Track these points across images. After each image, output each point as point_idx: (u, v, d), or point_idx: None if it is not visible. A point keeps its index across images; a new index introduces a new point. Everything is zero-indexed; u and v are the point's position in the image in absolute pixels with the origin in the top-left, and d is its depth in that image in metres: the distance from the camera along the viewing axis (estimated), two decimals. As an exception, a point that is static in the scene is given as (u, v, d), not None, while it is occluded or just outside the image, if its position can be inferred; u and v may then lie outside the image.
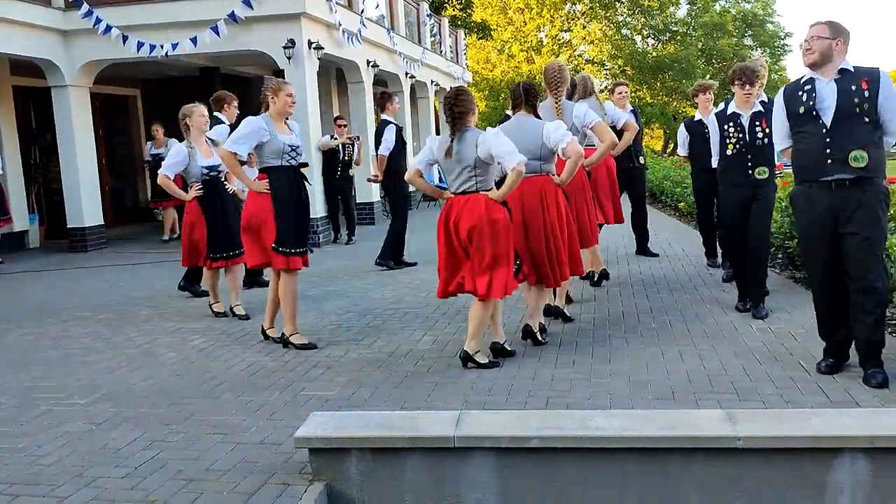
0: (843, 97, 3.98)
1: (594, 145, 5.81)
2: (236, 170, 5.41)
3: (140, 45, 10.68)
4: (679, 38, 36.82)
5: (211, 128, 7.13)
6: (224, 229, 6.33)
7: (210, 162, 6.42)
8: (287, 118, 5.51)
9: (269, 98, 5.43)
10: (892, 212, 6.00)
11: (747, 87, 5.34)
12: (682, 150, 7.77)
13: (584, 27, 37.82)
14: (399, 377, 4.58)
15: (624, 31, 37.56)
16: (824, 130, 4.00)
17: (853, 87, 3.97)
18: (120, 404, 4.33)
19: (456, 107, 4.57)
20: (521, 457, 3.11)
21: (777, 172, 5.82)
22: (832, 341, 4.27)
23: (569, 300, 6.11)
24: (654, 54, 36.53)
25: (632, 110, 8.94)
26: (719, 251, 7.45)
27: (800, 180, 4.21)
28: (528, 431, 3.11)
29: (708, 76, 32.77)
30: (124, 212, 15.42)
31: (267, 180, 5.35)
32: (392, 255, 8.60)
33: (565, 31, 38.17)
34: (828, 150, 3.98)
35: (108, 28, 10.62)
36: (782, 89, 4.35)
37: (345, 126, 11.27)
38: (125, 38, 10.65)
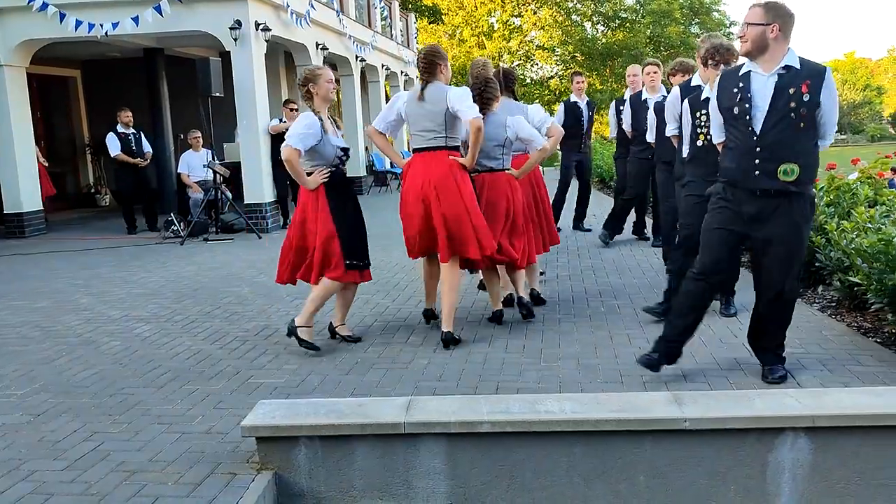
0: (778, 99, 3.57)
1: (522, 151, 5.37)
2: (299, 170, 4.58)
3: (78, 23, 10.32)
4: (628, 25, 37.26)
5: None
6: (356, 230, 4.87)
7: (342, 142, 4.88)
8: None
9: (311, 88, 4.68)
10: (831, 197, 6.16)
11: (722, 67, 4.56)
12: (627, 127, 7.89)
13: (535, 13, 37.95)
14: (349, 364, 4.54)
15: (574, 17, 37.82)
16: (754, 138, 3.63)
17: (792, 90, 3.56)
18: (59, 395, 4.20)
19: (427, 57, 4.73)
20: (471, 442, 3.11)
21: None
22: (676, 335, 4.00)
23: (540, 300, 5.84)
24: (604, 41, 36.92)
25: (587, 102, 9.05)
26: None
27: (723, 179, 3.84)
28: (479, 416, 3.11)
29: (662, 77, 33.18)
30: (64, 196, 14.97)
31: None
32: None
33: (516, 16, 38.25)
34: (757, 161, 3.62)
35: (45, 5, 10.24)
36: (719, 76, 3.96)
37: (296, 110, 11.10)
38: (62, 16, 10.28)
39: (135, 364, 4.71)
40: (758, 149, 3.62)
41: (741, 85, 3.68)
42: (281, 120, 10.87)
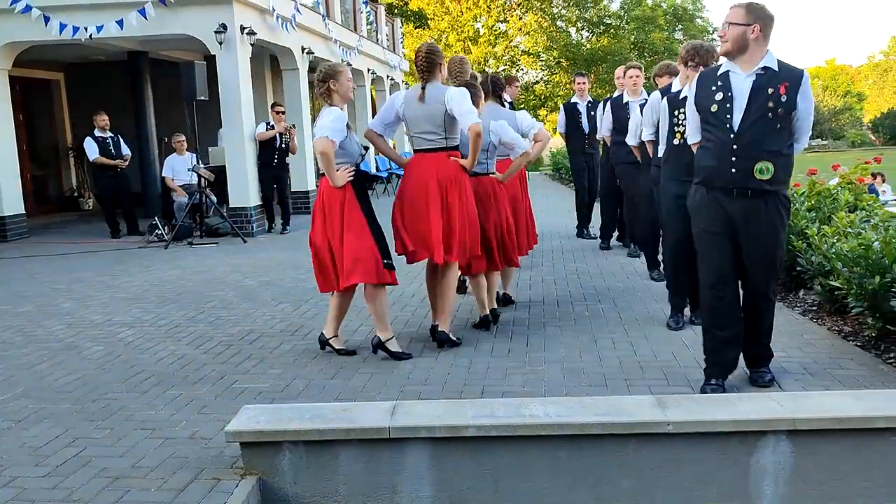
0: (756, 99, 3.60)
1: (505, 156, 5.36)
2: (333, 164, 4.46)
3: (63, 26, 10.26)
4: (612, 30, 37.49)
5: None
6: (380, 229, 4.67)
7: (364, 141, 4.93)
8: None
9: (331, 85, 4.57)
10: (812, 202, 6.23)
11: (702, 69, 4.54)
12: (606, 132, 7.88)
13: (520, 18, 38.09)
14: (334, 368, 4.53)
15: (559, 22, 38.01)
16: (731, 136, 3.64)
17: (770, 90, 3.59)
18: (41, 400, 4.16)
19: (428, 57, 4.70)
20: (456, 446, 3.11)
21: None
22: (720, 360, 3.90)
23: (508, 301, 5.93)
24: (588, 46, 37.11)
25: (589, 102, 9.00)
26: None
27: (699, 181, 3.84)
28: (464, 420, 3.11)
29: (644, 81, 33.41)
30: (47, 200, 14.85)
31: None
32: None
33: (502, 21, 38.37)
34: (734, 159, 3.64)
35: (28, 7, 10.17)
36: (697, 76, 3.96)
37: (283, 113, 11.08)
38: (47, 19, 10.22)
39: (117, 369, 4.68)
40: (735, 146, 3.64)
41: (720, 83, 3.70)
42: (268, 125, 10.83)
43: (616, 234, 8.58)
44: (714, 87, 3.72)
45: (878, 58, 74.80)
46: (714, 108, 3.70)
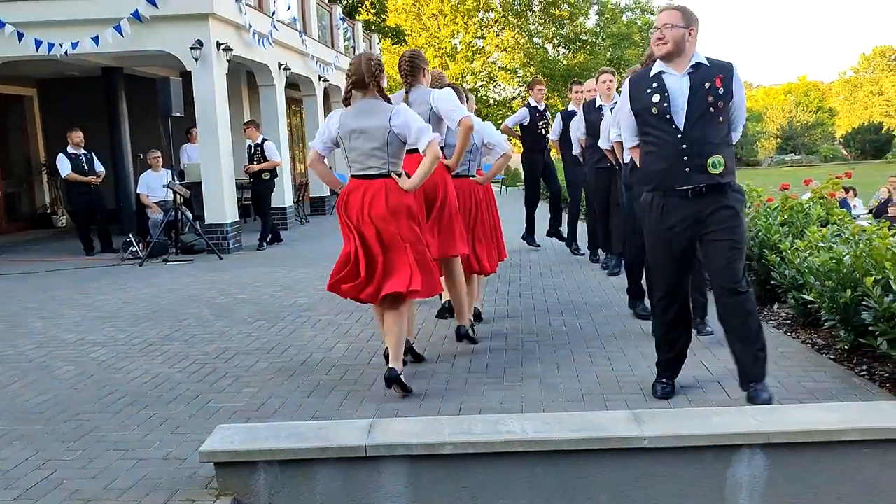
0: (695, 95, 3.65)
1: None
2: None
3: (38, 43, 10.19)
4: (588, 47, 37.87)
5: None
6: None
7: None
8: None
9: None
10: (785, 216, 6.31)
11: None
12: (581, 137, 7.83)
13: (498, 34, 38.38)
14: (310, 386, 4.50)
15: (536, 39, 38.34)
16: (679, 135, 3.67)
17: (707, 85, 3.65)
18: (11, 422, 4.08)
19: (411, 61, 4.71)
20: (433, 463, 3.09)
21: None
22: (670, 358, 4.02)
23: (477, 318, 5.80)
24: (565, 63, 37.44)
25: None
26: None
27: (652, 187, 3.83)
28: (441, 438, 3.10)
29: (617, 85, 33.76)
30: (20, 217, 14.67)
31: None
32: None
33: (479, 38, 38.64)
34: (685, 158, 3.66)
35: (2, 24, 10.09)
36: (627, 80, 3.98)
37: (256, 126, 11.09)
38: (21, 35, 10.13)
39: (90, 389, 4.61)
40: (684, 146, 3.66)
41: (654, 85, 3.73)
42: (253, 155, 10.76)
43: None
44: (649, 90, 3.74)
45: (849, 74, 76.30)
46: (654, 109, 3.71)
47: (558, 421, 3.25)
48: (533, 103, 9.40)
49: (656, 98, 3.71)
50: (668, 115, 3.68)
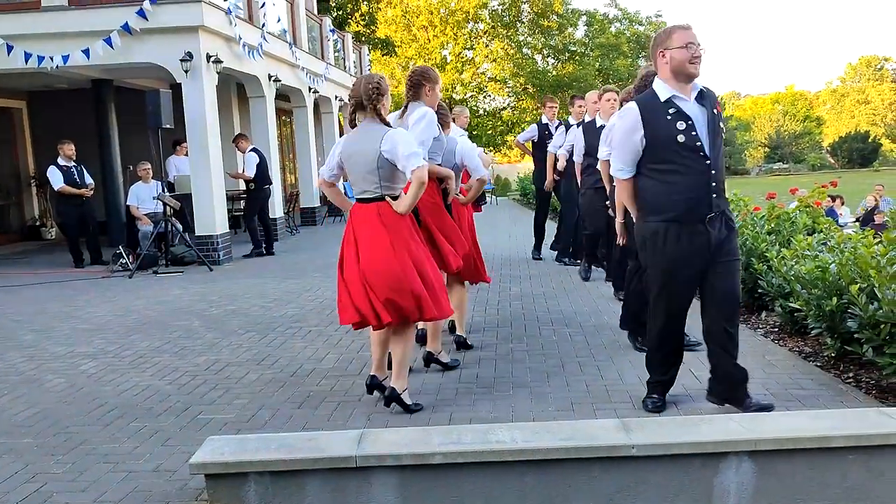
0: (712, 122, 3.58)
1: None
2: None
3: (27, 56, 10.18)
4: (577, 58, 38.06)
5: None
6: None
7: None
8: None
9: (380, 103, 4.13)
10: (772, 225, 6.37)
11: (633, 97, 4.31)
12: (579, 157, 7.39)
13: (487, 45, 38.54)
14: (301, 397, 4.50)
15: (525, 50, 38.50)
16: (707, 163, 3.56)
17: (714, 111, 3.61)
18: (0, 435, 4.07)
19: (412, 78, 4.65)
20: (423, 473, 3.10)
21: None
22: (664, 380, 4.01)
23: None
24: (554, 73, 37.62)
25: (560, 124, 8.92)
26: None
27: (670, 217, 3.62)
28: (431, 448, 3.11)
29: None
30: (9, 230, 14.60)
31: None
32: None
33: (468, 48, 38.79)
34: (713, 184, 3.57)
35: (-10, 37, 10.07)
36: (633, 107, 3.68)
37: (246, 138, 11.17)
38: (10, 49, 10.12)
39: (79, 402, 4.60)
40: (712, 172, 3.57)
41: (673, 111, 3.56)
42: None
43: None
44: (669, 117, 3.56)
45: (836, 84, 77.04)
46: (681, 138, 3.52)
47: (547, 430, 3.26)
48: (545, 120, 9.35)
49: (681, 125, 3.53)
50: (697, 143, 3.53)
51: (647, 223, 3.74)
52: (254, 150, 11.55)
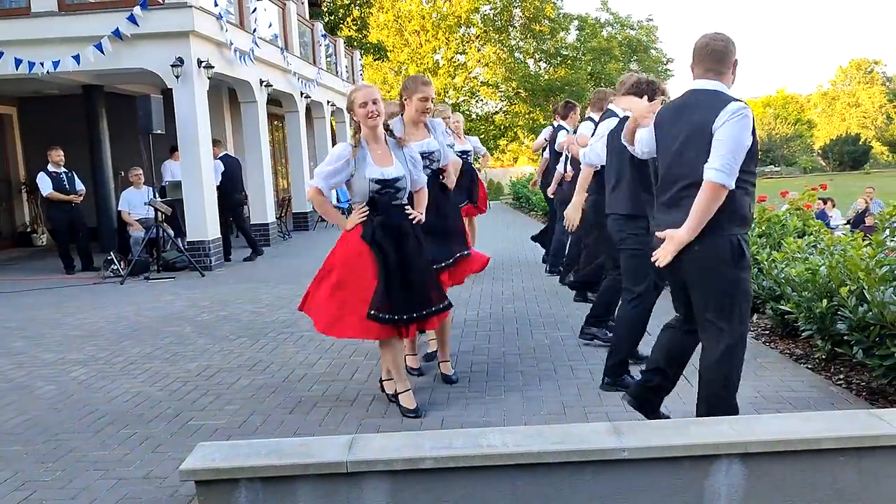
0: None
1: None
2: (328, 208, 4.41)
3: (18, 61, 10.15)
4: (569, 62, 38.18)
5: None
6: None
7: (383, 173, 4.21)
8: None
9: (353, 116, 4.15)
10: (762, 228, 6.39)
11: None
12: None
13: (479, 50, 38.62)
14: (292, 402, 4.49)
15: (517, 54, 38.59)
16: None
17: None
18: (-11, 443, 4.05)
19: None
20: (414, 479, 3.09)
21: None
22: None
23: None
24: (546, 77, 37.71)
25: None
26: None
27: (744, 230, 3.39)
28: (422, 453, 3.10)
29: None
30: (-1, 236, 14.54)
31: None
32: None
33: (461, 53, 38.86)
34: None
35: (-20, 43, 10.04)
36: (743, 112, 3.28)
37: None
38: (0, 54, 10.08)
39: (70, 409, 4.58)
40: None
41: None
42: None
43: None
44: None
45: (826, 87, 77.45)
46: (753, 150, 3.29)
47: (539, 434, 3.26)
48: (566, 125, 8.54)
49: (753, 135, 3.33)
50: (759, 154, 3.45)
51: (738, 237, 3.36)
52: (224, 156, 11.55)
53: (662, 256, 3.38)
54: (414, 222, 4.17)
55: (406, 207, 4.15)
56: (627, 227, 4.39)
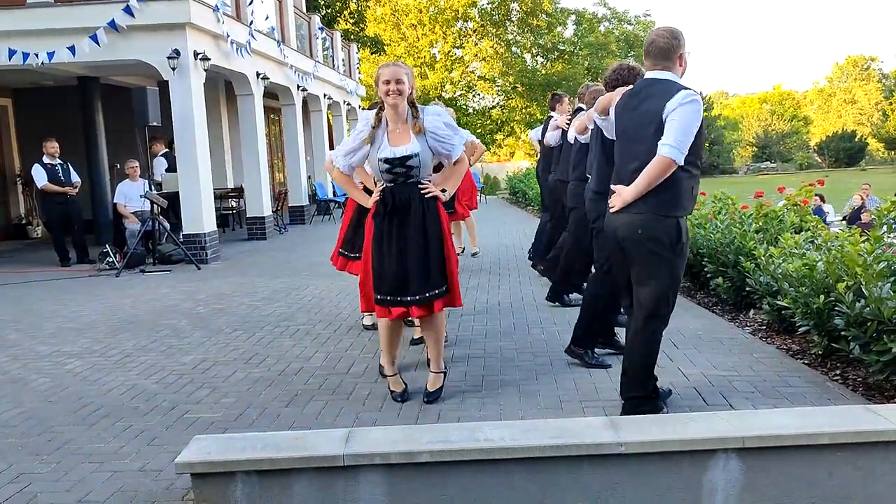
0: None
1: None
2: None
3: (12, 52, 10.09)
4: (566, 57, 38.14)
5: None
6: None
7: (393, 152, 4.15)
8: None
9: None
10: (759, 224, 6.38)
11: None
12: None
13: (476, 44, 38.55)
14: (289, 396, 4.48)
15: (514, 49, 38.54)
16: None
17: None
18: (-16, 435, 4.03)
19: None
20: (410, 472, 3.09)
21: None
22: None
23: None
24: (543, 72, 37.67)
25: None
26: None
27: (685, 213, 3.69)
28: (418, 446, 3.10)
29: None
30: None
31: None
32: None
33: (458, 47, 38.79)
34: None
35: (-25, 33, 9.97)
36: (697, 97, 3.57)
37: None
38: (-6, 45, 10.03)
39: (65, 401, 4.56)
40: None
41: None
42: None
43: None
44: None
45: (823, 83, 77.54)
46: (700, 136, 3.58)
47: (536, 428, 3.25)
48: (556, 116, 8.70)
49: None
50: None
51: (667, 219, 3.64)
52: (164, 154, 11.55)
53: (613, 206, 3.75)
54: (426, 196, 4.04)
55: (421, 182, 4.05)
56: (600, 205, 4.50)
